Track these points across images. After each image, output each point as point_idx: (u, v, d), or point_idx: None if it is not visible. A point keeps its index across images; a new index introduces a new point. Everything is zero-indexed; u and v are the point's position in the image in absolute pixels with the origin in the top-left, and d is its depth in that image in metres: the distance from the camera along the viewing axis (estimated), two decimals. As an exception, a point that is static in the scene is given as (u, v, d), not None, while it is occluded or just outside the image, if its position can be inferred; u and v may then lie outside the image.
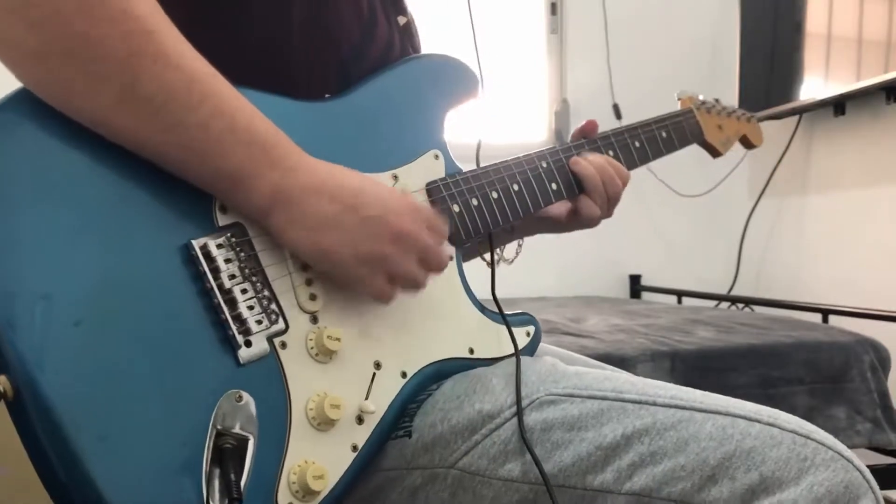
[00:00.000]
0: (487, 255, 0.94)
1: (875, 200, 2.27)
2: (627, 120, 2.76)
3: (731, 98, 2.62)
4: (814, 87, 2.34)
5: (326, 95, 0.75)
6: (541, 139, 2.89)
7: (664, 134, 0.96)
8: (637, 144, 0.93)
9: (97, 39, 0.56)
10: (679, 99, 1.04)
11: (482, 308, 0.78)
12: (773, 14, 2.53)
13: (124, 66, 0.56)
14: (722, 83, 2.73)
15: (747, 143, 1.11)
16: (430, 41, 0.91)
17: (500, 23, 2.88)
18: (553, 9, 2.89)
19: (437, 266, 0.69)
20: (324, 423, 0.63)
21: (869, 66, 2.13)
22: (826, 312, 2.06)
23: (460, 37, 0.95)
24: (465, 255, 0.91)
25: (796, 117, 2.52)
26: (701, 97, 1.04)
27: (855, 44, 2.20)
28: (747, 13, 2.62)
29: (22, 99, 0.57)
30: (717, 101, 1.07)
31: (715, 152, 1.05)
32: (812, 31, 2.35)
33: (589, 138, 0.91)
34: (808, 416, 1.62)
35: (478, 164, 0.82)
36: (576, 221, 0.90)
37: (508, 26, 2.89)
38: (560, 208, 0.91)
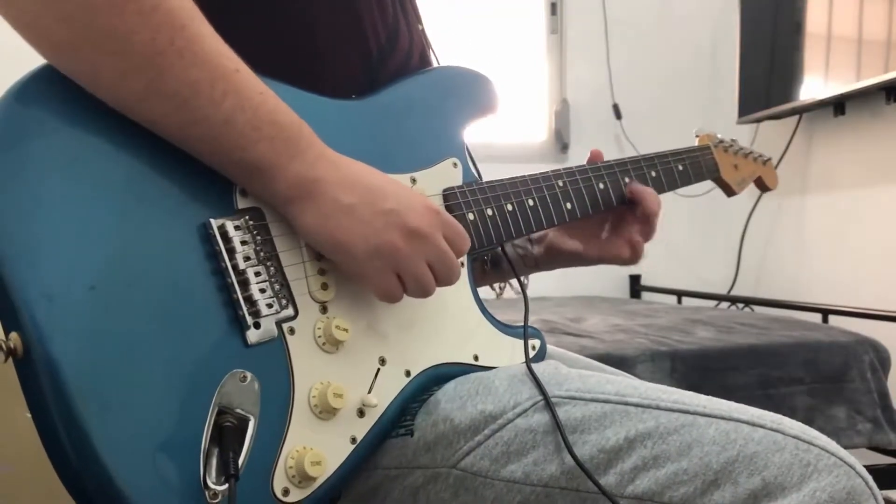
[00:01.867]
0: (497, 286, 0.95)
1: (875, 200, 2.27)
2: (627, 119, 2.78)
3: (731, 98, 2.63)
4: (814, 87, 2.34)
5: (353, 96, 0.76)
6: (541, 139, 2.89)
7: (680, 167, 0.97)
8: (653, 174, 0.94)
9: (126, 34, 0.56)
10: (697, 136, 1.05)
11: (490, 317, 0.79)
12: (773, 14, 2.53)
13: (151, 61, 0.57)
14: (722, 83, 2.73)
15: (762, 186, 1.12)
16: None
17: (500, 23, 2.88)
18: (553, 9, 2.89)
19: (447, 274, 0.68)
20: (325, 412, 0.64)
21: (869, 66, 2.13)
22: (826, 312, 2.06)
23: (456, 37, 0.97)
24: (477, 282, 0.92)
25: (796, 117, 2.52)
26: (719, 136, 1.06)
27: (855, 44, 2.20)
28: (747, 13, 2.62)
29: (48, 73, 0.58)
30: (734, 140, 1.08)
31: (730, 191, 1.06)
32: (812, 31, 2.35)
33: (602, 162, 0.92)
34: (808, 416, 1.63)
35: (474, 165, 0.83)
36: (613, 258, 0.93)
37: (508, 26, 2.89)
38: (588, 248, 0.92)
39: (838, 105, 2.31)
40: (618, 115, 2.78)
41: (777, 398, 1.63)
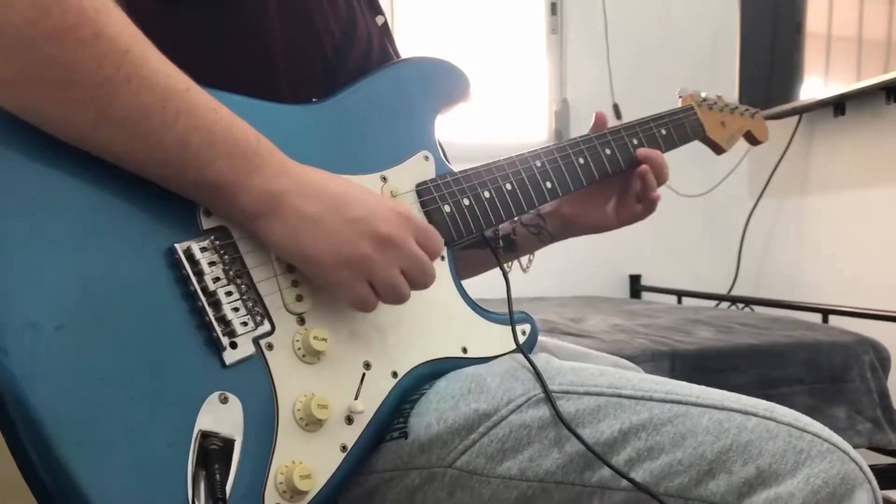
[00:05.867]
0: (525, 261, 0.94)
1: (875, 200, 2.27)
2: (627, 119, 2.76)
3: (731, 98, 2.62)
4: (814, 87, 2.33)
5: (314, 99, 0.74)
6: (541, 139, 2.89)
7: (663, 131, 0.95)
8: (635, 142, 0.92)
9: (68, 64, 0.55)
10: (680, 97, 1.03)
11: (476, 307, 0.78)
12: (773, 14, 2.53)
13: (98, 89, 0.56)
14: (722, 83, 2.72)
15: (752, 140, 1.10)
16: (426, 42, 0.91)
17: (500, 23, 2.88)
18: (553, 9, 2.89)
19: (421, 279, 0.67)
20: (311, 424, 0.63)
21: (869, 66, 2.13)
22: (826, 312, 2.06)
23: (455, 37, 0.96)
24: (480, 268, 0.92)
25: (796, 117, 2.52)
26: (703, 94, 1.03)
27: (855, 44, 2.20)
28: (747, 13, 2.61)
29: (1, 113, 0.57)
30: (719, 97, 1.05)
31: (718, 149, 1.04)
32: (812, 31, 2.35)
33: (596, 132, 0.91)
34: (807, 416, 1.62)
35: (445, 157, 0.81)
36: (630, 219, 0.92)
37: (508, 26, 2.89)
38: (605, 216, 0.92)
39: (838, 105, 2.31)
40: (618, 115, 2.78)
41: (777, 398, 1.61)
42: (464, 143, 2.55)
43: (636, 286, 2.90)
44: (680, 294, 2.70)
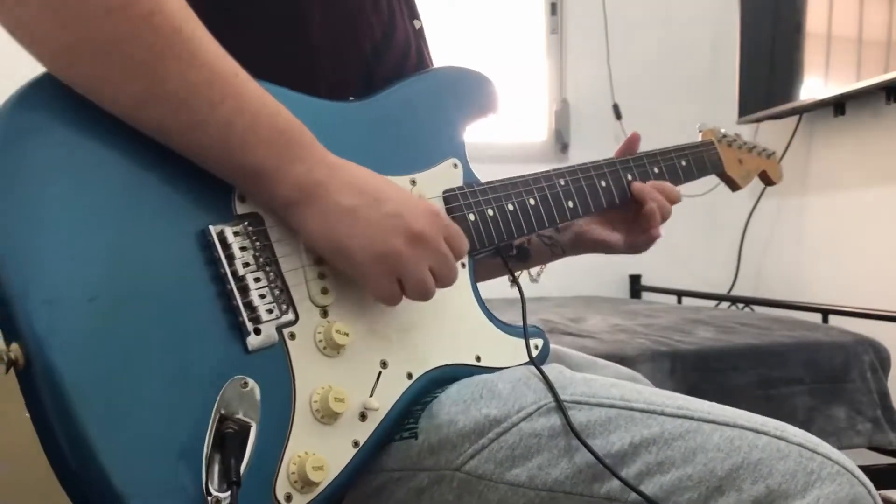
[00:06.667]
0: (517, 274, 0.95)
1: (875, 200, 2.27)
2: (627, 119, 2.77)
3: (731, 98, 2.63)
4: (814, 87, 2.34)
5: (350, 98, 0.76)
6: (541, 139, 2.89)
7: (684, 163, 0.98)
8: (656, 171, 0.95)
9: (125, 38, 0.56)
10: (700, 131, 1.06)
11: (492, 317, 0.79)
12: (773, 14, 2.53)
13: (150, 64, 0.57)
14: (722, 83, 2.73)
15: (766, 180, 1.13)
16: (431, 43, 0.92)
17: (500, 23, 2.88)
18: (553, 9, 2.89)
19: (447, 277, 0.69)
20: (327, 416, 0.64)
21: (869, 66, 2.13)
22: (826, 312, 2.06)
23: (455, 37, 0.97)
24: (493, 273, 0.93)
25: (796, 117, 2.52)
26: (723, 130, 1.06)
27: (855, 44, 2.20)
28: (747, 13, 2.62)
29: (48, 81, 0.58)
30: (738, 135, 1.09)
31: (734, 185, 1.07)
32: (812, 31, 2.35)
33: (629, 153, 0.93)
34: (808, 416, 1.63)
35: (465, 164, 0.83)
36: (635, 248, 0.95)
37: (508, 26, 2.89)
38: (616, 237, 0.94)
39: (838, 105, 2.31)
40: (618, 115, 2.78)
41: (777, 398, 1.63)
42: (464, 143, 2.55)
43: (636, 286, 2.90)
44: (680, 294, 2.70)
